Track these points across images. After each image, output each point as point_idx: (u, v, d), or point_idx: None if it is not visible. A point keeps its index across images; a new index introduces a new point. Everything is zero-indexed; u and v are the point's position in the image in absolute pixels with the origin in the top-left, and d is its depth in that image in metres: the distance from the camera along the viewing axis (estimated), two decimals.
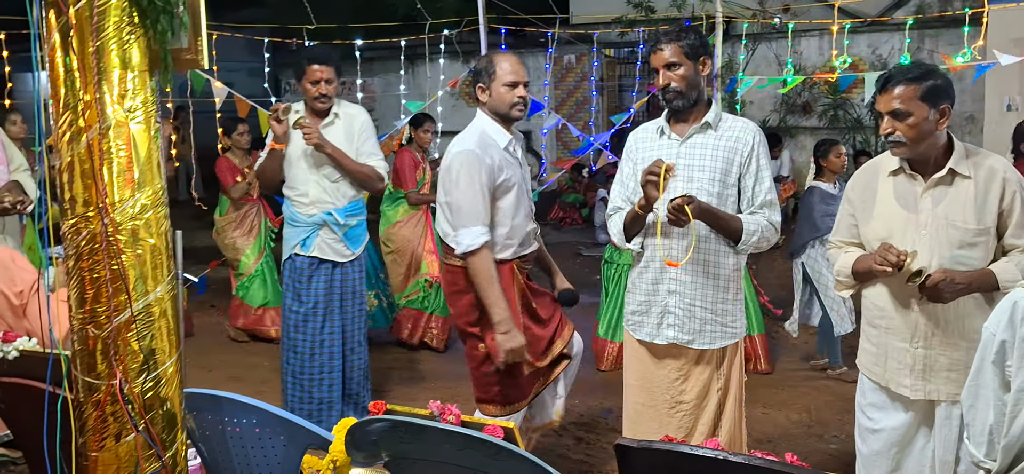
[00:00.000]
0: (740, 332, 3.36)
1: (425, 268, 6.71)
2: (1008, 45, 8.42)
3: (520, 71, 3.54)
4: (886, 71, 3.04)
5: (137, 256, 1.82)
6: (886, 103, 2.85)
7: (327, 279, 4.57)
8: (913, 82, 2.82)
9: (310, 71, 4.44)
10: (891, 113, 2.83)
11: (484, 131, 3.52)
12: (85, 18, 1.72)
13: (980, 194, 2.83)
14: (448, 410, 2.16)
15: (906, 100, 2.81)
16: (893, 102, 2.82)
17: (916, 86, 2.81)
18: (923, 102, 2.80)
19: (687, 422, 3.31)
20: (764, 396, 5.59)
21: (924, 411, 2.96)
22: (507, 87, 3.50)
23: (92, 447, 1.87)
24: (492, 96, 3.51)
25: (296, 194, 4.54)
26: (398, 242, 6.74)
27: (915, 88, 2.81)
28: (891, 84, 2.86)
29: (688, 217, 2.97)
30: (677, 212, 2.98)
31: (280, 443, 2.49)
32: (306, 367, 4.56)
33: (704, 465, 1.72)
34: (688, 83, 3.21)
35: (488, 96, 3.52)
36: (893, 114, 2.83)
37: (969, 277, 2.79)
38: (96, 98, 1.73)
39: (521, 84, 3.51)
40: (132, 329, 1.83)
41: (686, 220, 2.99)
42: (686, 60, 3.21)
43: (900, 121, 2.82)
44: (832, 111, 11.52)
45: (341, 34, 9.87)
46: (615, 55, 13.57)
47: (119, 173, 1.78)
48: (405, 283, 6.73)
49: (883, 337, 3.00)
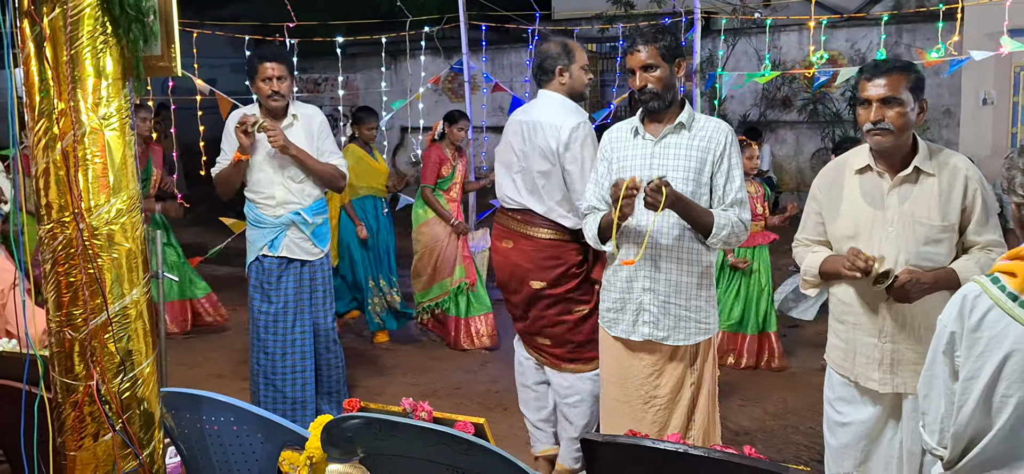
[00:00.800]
0: (713, 328, 3.42)
1: (460, 272, 6.62)
2: (983, 40, 8.52)
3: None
4: (872, 61, 3.09)
5: (113, 260, 1.86)
6: (876, 89, 2.87)
7: (296, 278, 4.59)
8: (903, 72, 2.88)
9: (262, 69, 4.44)
10: (882, 100, 2.86)
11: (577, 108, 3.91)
12: (59, 28, 1.75)
13: (944, 192, 2.89)
14: (420, 407, 2.21)
15: (897, 88, 2.85)
16: (885, 89, 2.85)
17: (906, 76, 2.87)
18: (910, 93, 2.86)
19: (661, 417, 3.37)
20: (742, 390, 5.66)
21: (892, 404, 3.03)
22: (583, 69, 3.91)
23: (70, 446, 1.91)
24: (572, 77, 3.89)
25: (262, 197, 4.55)
26: (426, 239, 6.67)
27: (905, 78, 2.86)
28: (883, 71, 2.89)
29: (663, 196, 3.03)
30: (654, 192, 3.03)
31: (258, 441, 2.53)
32: (278, 368, 4.59)
33: (665, 458, 1.78)
34: (664, 85, 3.27)
35: (568, 77, 3.88)
36: (884, 101, 2.85)
37: (934, 276, 2.85)
38: (71, 106, 1.76)
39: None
40: (109, 331, 1.87)
41: (660, 202, 3.03)
42: (663, 62, 3.27)
43: (890, 108, 2.85)
44: (811, 105, 11.61)
45: (323, 31, 9.86)
46: (597, 50, 13.61)
47: (94, 179, 1.82)
48: (429, 283, 6.66)
49: (851, 333, 3.06)
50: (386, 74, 10.44)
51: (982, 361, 1.94)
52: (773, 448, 4.75)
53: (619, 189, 3.06)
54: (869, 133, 2.91)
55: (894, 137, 2.88)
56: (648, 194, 3.05)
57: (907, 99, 2.85)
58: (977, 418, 1.97)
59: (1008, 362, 1.89)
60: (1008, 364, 1.89)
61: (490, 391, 5.71)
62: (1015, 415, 1.90)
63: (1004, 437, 1.93)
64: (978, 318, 1.96)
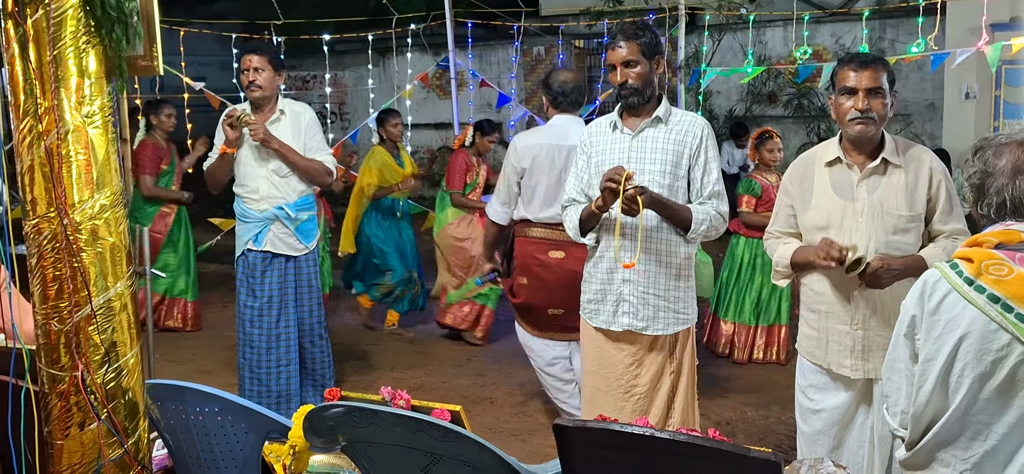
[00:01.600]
0: (692, 318, 3.50)
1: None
2: (965, 34, 8.62)
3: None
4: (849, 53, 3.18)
5: (97, 254, 1.91)
6: (861, 80, 2.94)
7: (281, 273, 4.64)
8: (884, 65, 2.98)
9: (244, 60, 4.52)
10: (870, 90, 2.94)
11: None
12: (42, 28, 1.80)
13: (911, 183, 2.99)
14: (399, 395, 2.27)
15: (879, 79, 2.94)
16: (871, 79, 2.94)
17: (886, 69, 2.97)
18: (888, 85, 2.97)
19: (641, 405, 3.44)
20: (723, 379, 5.75)
21: (863, 390, 3.11)
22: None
23: (57, 436, 1.96)
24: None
25: (247, 191, 4.61)
26: (446, 243, 6.79)
27: (885, 71, 2.97)
28: (868, 62, 2.97)
29: (639, 207, 3.10)
30: (630, 201, 3.10)
31: (242, 431, 2.58)
32: (263, 361, 4.64)
33: (634, 441, 1.85)
34: (643, 80, 3.35)
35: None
36: (870, 91, 2.94)
37: (903, 262, 2.94)
38: (54, 105, 1.82)
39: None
40: (93, 323, 1.92)
41: (638, 209, 3.11)
42: (642, 58, 3.34)
43: (875, 98, 2.95)
44: (797, 101, 11.70)
45: (310, 29, 9.90)
46: (584, 46, 13.67)
47: (78, 175, 1.87)
48: (460, 285, 6.71)
49: (823, 321, 3.14)
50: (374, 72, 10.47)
51: (940, 343, 2.01)
52: (753, 437, 4.82)
53: (619, 175, 3.11)
54: (853, 122, 2.97)
55: (876, 126, 2.97)
56: (625, 201, 3.12)
57: (887, 90, 2.95)
58: (935, 399, 2.04)
59: (963, 343, 1.96)
60: (963, 345, 1.96)
61: (475, 385, 5.78)
62: (969, 395, 1.98)
63: (959, 417, 2.01)
64: (937, 301, 2.03)
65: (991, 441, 1.97)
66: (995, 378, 1.95)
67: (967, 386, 1.97)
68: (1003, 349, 1.92)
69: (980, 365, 1.95)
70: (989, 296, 1.94)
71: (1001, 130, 2.10)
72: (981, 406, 1.98)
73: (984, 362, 1.95)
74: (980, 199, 2.13)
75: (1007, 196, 2.05)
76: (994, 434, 1.97)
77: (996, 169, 2.08)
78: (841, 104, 3.01)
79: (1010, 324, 1.90)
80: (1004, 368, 1.93)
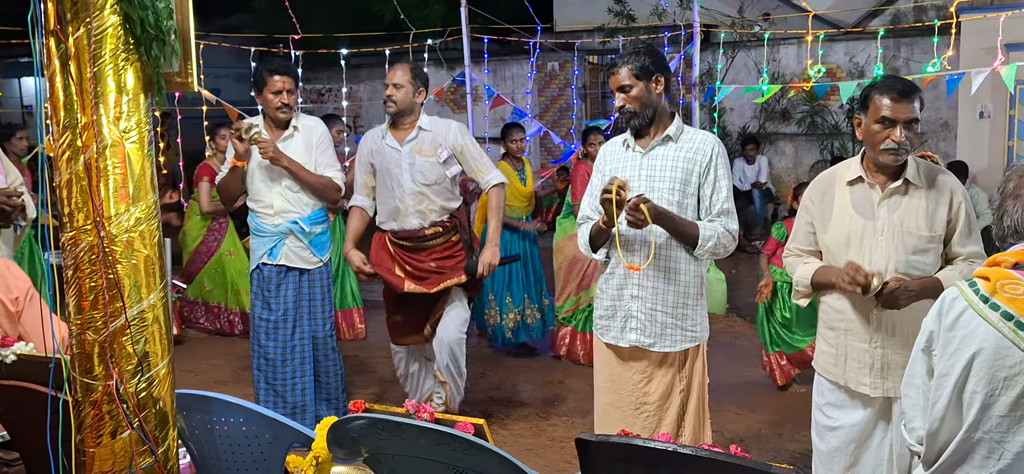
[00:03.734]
0: (702, 336, 3.51)
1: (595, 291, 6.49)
2: (979, 54, 8.63)
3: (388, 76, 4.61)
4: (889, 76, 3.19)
5: (132, 266, 1.96)
6: (906, 112, 2.95)
7: (295, 287, 4.70)
8: (919, 94, 2.99)
9: (271, 82, 4.55)
10: (908, 122, 2.95)
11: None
12: (83, 46, 1.85)
13: (931, 204, 3.01)
14: (422, 409, 2.30)
15: (916, 110, 2.97)
16: (912, 112, 2.96)
17: (920, 99, 2.99)
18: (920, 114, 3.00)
19: (651, 422, 3.46)
20: (739, 397, 5.75)
21: (882, 408, 3.12)
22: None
23: (89, 443, 2.00)
24: None
25: (261, 206, 4.66)
26: (563, 254, 6.60)
27: (919, 100, 2.98)
28: (909, 93, 2.97)
29: (645, 216, 3.13)
30: (634, 211, 3.14)
31: (266, 441, 2.62)
32: (279, 373, 4.69)
33: (655, 456, 1.88)
34: (641, 103, 3.39)
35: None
36: (908, 124, 2.96)
37: (920, 283, 2.96)
38: (94, 120, 1.86)
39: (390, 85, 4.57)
40: (127, 333, 1.96)
41: (644, 220, 3.14)
42: (637, 81, 3.38)
43: (912, 131, 2.97)
44: (810, 118, 11.72)
45: (327, 42, 9.99)
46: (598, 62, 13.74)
47: (115, 189, 1.91)
48: (562, 295, 6.60)
49: (842, 338, 3.16)
50: None
51: (954, 359, 2.04)
52: (767, 454, 4.83)
53: (610, 187, 3.17)
54: (888, 152, 2.98)
55: (905, 155, 3.00)
56: (629, 213, 3.15)
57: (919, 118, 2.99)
58: (950, 417, 2.07)
59: (976, 359, 1.99)
60: (976, 361, 1.99)
61: (490, 399, 5.80)
62: (981, 412, 2.00)
63: (973, 435, 2.03)
64: (953, 318, 2.07)
65: (1006, 460, 1.99)
66: (1007, 395, 1.98)
67: (980, 403, 1.99)
68: (1015, 366, 1.95)
69: (992, 382, 1.97)
70: (1003, 313, 1.97)
71: (1015, 150, 2.14)
72: (994, 424, 2.00)
73: (997, 379, 1.98)
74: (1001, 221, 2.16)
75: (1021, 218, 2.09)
76: (1008, 453, 1.99)
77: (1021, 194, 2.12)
78: (875, 131, 3.00)
79: (1022, 342, 1.93)
80: (1016, 385, 1.95)
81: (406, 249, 4.65)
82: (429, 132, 4.61)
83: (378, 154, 4.63)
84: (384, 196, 4.65)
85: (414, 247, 4.65)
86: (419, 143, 4.57)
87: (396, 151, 4.57)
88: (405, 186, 4.55)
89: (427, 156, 4.56)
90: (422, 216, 4.60)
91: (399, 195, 4.57)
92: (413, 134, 4.58)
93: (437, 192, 4.61)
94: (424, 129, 4.61)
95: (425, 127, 4.61)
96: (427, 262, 4.66)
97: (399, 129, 4.61)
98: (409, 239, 4.63)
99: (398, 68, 4.57)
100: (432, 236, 4.64)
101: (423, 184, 4.56)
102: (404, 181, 4.55)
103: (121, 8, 1.85)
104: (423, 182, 4.56)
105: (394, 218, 4.63)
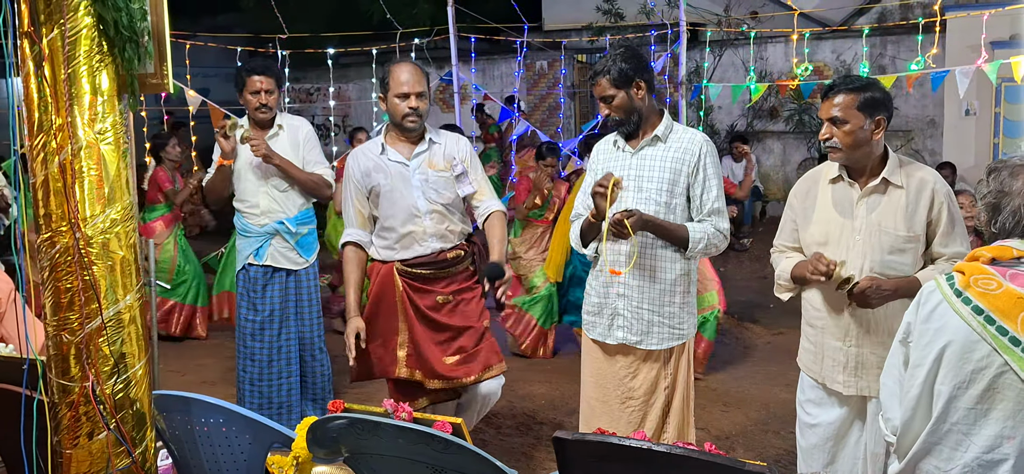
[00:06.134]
0: (688, 333, 3.53)
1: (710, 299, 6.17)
2: (964, 51, 8.69)
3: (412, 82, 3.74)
4: (834, 78, 3.23)
5: (108, 267, 1.96)
6: (827, 110, 3.04)
7: (282, 287, 4.69)
8: (853, 92, 3.01)
9: (251, 82, 4.55)
10: (830, 119, 3.02)
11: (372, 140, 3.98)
12: (57, 47, 1.86)
13: (911, 203, 3.02)
14: (401, 408, 2.31)
15: (845, 108, 3.00)
16: (833, 109, 3.01)
17: (855, 96, 3.00)
18: (860, 112, 2.99)
19: (636, 417, 3.48)
20: (725, 394, 5.77)
21: (857, 407, 3.14)
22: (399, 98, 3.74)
23: (66, 445, 2.01)
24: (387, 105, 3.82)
25: (247, 206, 4.66)
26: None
27: (854, 98, 3.00)
28: (833, 92, 3.05)
29: (628, 231, 3.16)
30: (617, 226, 3.17)
31: (246, 442, 2.62)
32: (265, 373, 4.69)
33: (631, 454, 1.89)
34: (625, 110, 3.42)
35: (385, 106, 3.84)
36: (832, 120, 3.02)
37: (895, 283, 2.97)
38: (68, 121, 1.87)
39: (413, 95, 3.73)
40: (103, 335, 1.96)
41: (627, 234, 3.18)
42: (617, 90, 3.40)
43: (837, 127, 3.01)
44: (797, 116, 11.76)
45: (315, 42, 9.98)
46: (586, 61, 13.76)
47: (90, 190, 1.92)
48: None
49: (820, 336, 3.18)
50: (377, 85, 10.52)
51: (927, 351, 2.07)
52: (753, 451, 4.85)
53: (606, 181, 3.20)
54: (825, 148, 3.08)
55: (843, 154, 3.05)
56: (612, 226, 3.18)
57: (855, 118, 2.99)
58: (922, 408, 2.10)
59: (946, 352, 2.02)
60: (946, 353, 2.03)
61: None
62: (949, 403, 2.03)
63: (941, 425, 2.06)
64: (929, 310, 2.10)
65: (972, 452, 2.02)
66: (974, 388, 2.01)
67: (948, 394, 2.03)
68: (983, 360, 1.98)
69: (960, 374, 2.00)
70: (974, 308, 2.00)
71: (1001, 147, 2.17)
72: (961, 416, 2.03)
73: (964, 371, 2.01)
74: (994, 218, 2.18)
75: (1022, 216, 2.11)
76: (974, 446, 2.01)
77: (1013, 190, 2.13)
78: (822, 131, 3.11)
79: (990, 336, 1.96)
80: (983, 379, 1.98)
81: (422, 278, 3.81)
82: (439, 144, 3.89)
83: (378, 172, 3.80)
84: (391, 222, 3.81)
85: (432, 276, 3.83)
86: (430, 156, 3.84)
87: (404, 166, 3.80)
88: (420, 206, 3.77)
89: (440, 171, 3.84)
90: (443, 238, 3.83)
91: (414, 218, 3.78)
92: (423, 146, 3.84)
93: (453, 211, 3.88)
94: (434, 141, 3.89)
95: (434, 138, 3.90)
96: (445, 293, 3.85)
97: (402, 141, 3.85)
98: (427, 265, 3.81)
99: (414, 71, 3.77)
100: (454, 260, 3.87)
101: (440, 203, 3.82)
102: (418, 201, 3.78)
103: (95, 10, 1.86)
104: (439, 201, 3.82)
105: (406, 245, 3.80)
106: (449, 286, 3.85)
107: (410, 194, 3.77)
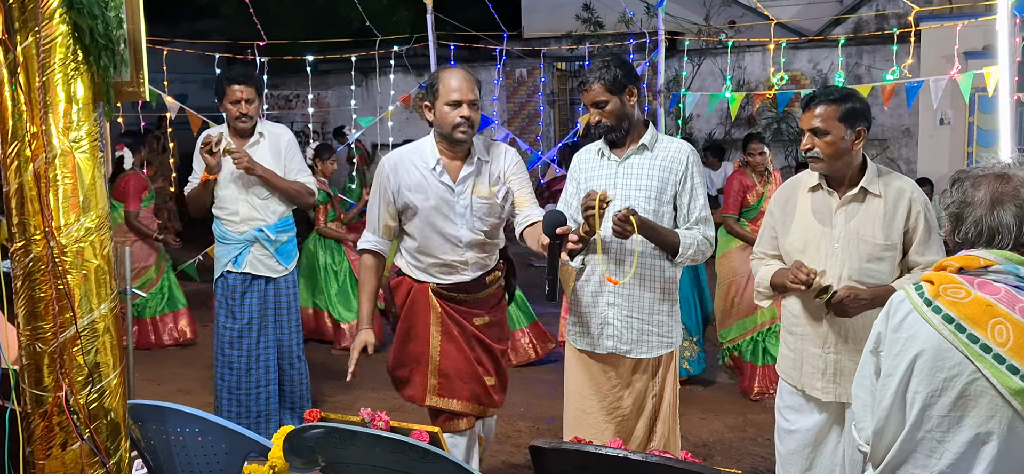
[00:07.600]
0: (676, 341, 3.54)
1: (765, 314, 5.79)
2: (939, 62, 8.79)
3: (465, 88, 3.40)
4: (814, 90, 3.27)
5: (82, 276, 1.95)
6: (808, 121, 3.07)
7: (260, 295, 4.66)
8: (833, 103, 3.04)
9: (231, 91, 4.52)
10: (811, 130, 3.05)
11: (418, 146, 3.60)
12: (32, 55, 1.85)
13: (889, 212, 3.06)
14: (378, 417, 2.31)
15: (826, 119, 3.03)
16: (814, 120, 3.04)
17: (836, 107, 3.03)
18: (841, 123, 3.03)
19: (624, 428, 3.48)
20: (703, 403, 5.79)
21: (836, 413, 3.17)
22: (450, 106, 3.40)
23: (40, 456, 1.99)
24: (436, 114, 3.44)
25: (226, 213, 4.63)
26: (723, 272, 6.14)
27: (835, 109, 3.03)
28: (814, 103, 3.08)
29: (633, 227, 3.16)
30: (623, 223, 3.16)
31: (222, 451, 2.61)
32: (243, 382, 4.65)
33: (609, 462, 1.89)
34: (616, 116, 3.42)
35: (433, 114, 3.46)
36: (813, 131, 3.05)
37: (872, 292, 3.00)
38: (42, 130, 1.85)
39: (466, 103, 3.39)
40: (77, 344, 1.95)
41: (631, 230, 3.17)
42: (611, 95, 3.40)
43: (819, 138, 3.04)
44: (776, 124, 11.85)
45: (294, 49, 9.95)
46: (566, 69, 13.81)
47: (65, 199, 1.91)
48: (726, 321, 6.08)
49: (799, 343, 3.21)
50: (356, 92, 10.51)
51: (899, 360, 2.09)
52: (731, 459, 4.87)
53: (592, 200, 3.18)
54: (809, 158, 3.10)
55: (825, 164, 3.08)
56: (617, 223, 3.18)
57: (837, 129, 3.03)
58: (894, 417, 2.11)
59: (918, 360, 2.04)
60: (918, 362, 2.04)
61: None
62: (922, 411, 2.05)
63: (914, 434, 2.08)
64: (899, 320, 2.12)
65: (946, 459, 2.04)
66: (947, 396, 2.03)
67: (921, 403, 2.04)
68: (955, 367, 2.00)
69: (933, 382, 2.03)
70: (944, 316, 2.02)
71: (974, 156, 2.19)
72: (934, 424, 2.05)
73: (937, 379, 2.03)
74: (957, 227, 2.20)
75: (984, 226, 2.13)
76: (948, 453, 2.03)
77: (974, 200, 2.16)
78: (803, 141, 3.13)
79: (961, 344, 1.99)
80: (955, 387, 2.01)
81: (459, 301, 3.59)
82: (488, 162, 3.55)
83: (418, 192, 3.48)
84: (428, 248, 3.53)
85: (468, 300, 3.61)
86: (477, 181, 3.52)
87: (449, 190, 3.48)
88: (463, 237, 3.50)
89: (485, 198, 3.51)
90: (482, 266, 3.60)
91: (455, 248, 3.52)
92: (469, 168, 3.50)
93: (495, 235, 3.63)
94: (482, 159, 3.54)
95: (482, 156, 3.54)
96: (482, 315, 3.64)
97: (449, 157, 3.51)
98: (464, 291, 3.59)
99: (466, 78, 3.44)
100: (491, 283, 3.66)
101: (483, 231, 3.54)
102: (461, 232, 3.50)
103: (70, 18, 1.84)
104: (482, 229, 3.54)
105: (445, 273, 3.55)
106: (486, 307, 3.66)
107: (453, 223, 3.49)
